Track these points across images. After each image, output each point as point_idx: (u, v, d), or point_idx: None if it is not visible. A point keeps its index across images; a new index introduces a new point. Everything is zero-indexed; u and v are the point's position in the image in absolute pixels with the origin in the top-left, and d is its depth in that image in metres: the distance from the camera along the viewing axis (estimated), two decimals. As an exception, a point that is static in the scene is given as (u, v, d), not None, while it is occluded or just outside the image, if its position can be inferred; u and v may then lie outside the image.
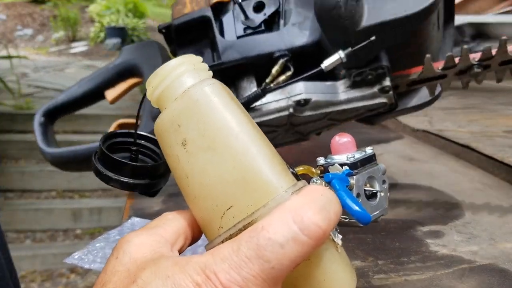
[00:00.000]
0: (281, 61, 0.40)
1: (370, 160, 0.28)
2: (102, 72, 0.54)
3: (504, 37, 0.40)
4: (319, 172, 0.27)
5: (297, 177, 0.22)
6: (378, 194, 0.28)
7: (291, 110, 0.42)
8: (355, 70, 0.41)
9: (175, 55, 0.47)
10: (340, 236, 0.21)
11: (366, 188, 0.28)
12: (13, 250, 1.97)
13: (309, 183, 0.25)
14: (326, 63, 0.39)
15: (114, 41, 4.58)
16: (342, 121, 0.46)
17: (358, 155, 0.28)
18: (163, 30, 0.47)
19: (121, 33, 4.60)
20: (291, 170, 0.22)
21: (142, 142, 0.28)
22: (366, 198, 0.28)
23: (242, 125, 0.21)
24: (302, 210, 0.18)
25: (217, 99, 0.21)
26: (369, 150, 0.29)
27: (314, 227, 0.17)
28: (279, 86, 0.42)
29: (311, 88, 0.42)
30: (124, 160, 0.25)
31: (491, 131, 0.76)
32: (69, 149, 0.51)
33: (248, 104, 0.42)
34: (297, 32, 0.41)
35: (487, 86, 1.20)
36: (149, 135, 0.28)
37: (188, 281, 0.17)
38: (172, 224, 0.22)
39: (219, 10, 0.44)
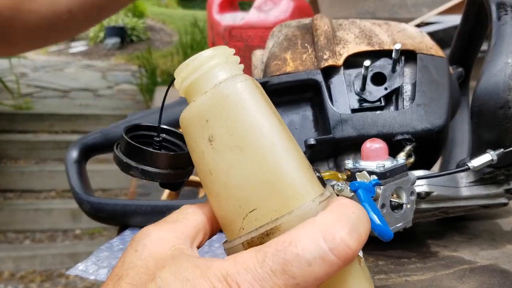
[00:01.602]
0: (408, 147, 0.35)
1: (401, 170, 0.27)
2: (159, 111, 0.50)
3: None
4: (345, 177, 0.26)
5: (323, 182, 0.21)
6: (404, 206, 0.27)
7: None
8: (491, 169, 0.37)
9: None
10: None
11: (392, 199, 0.27)
12: (13, 250, 1.96)
13: (333, 187, 0.24)
14: (475, 163, 0.34)
15: (113, 40, 4.58)
16: (450, 214, 0.42)
17: (388, 164, 0.27)
18: None
19: (121, 33, 4.59)
20: (317, 174, 0.21)
21: (165, 135, 0.27)
22: (391, 209, 0.27)
23: (273, 126, 0.20)
24: (333, 229, 0.17)
25: (249, 97, 0.21)
26: (401, 159, 0.28)
27: (344, 247, 0.17)
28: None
29: (434, 180, 0.38)
30: (146, 148, 0.25)
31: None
32: (115, 201, 0.45)
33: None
34: (422, 114, 0.37)
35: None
36: (173, 129, 0.27)
37: (209, 286, 0.17)
38: (192, 219, 0.22)
39: (328, 74, 0.39)
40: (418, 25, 0.85)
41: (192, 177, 0.50)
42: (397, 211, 0.28)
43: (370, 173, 0.26)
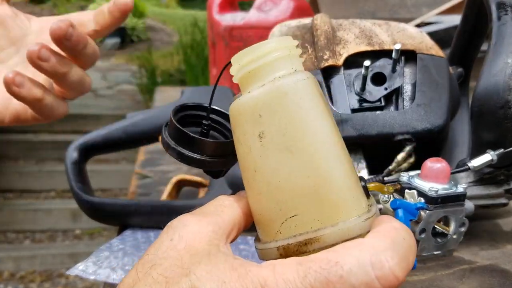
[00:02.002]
0: (408, 147, 0.36)
1: (456, 199, 0.25)
2: (162, 112, 0.47)
3: None
4: (391, 190, 0.25)
5: (367, 192, 0.21)
6: (449, 236, 0.26)
7: None
8: (491, 169, 0.37)
9: None
10: None
11: (437, 226, 0.26)
12: (12, 251, 1.96)
13: (379, 198, 0.24)
14: (475, 163, 0.34)
15: (113, 40, 4.58)
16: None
17: (443, 191, 0.25)
18: None
19: (121, 33, 4.59)
20: (363, 183, 0.21)
21: (215, 117, 0.26)
22: (433, 235, 0.26)
23: (329, 133, 0.19)
24: (383, 256, 0.17)
25: (309, 98, 0.19)
26: (461, 187, 0.26)
27: (392, 277, 0.17)
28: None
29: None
30: (194, 135, 0.24)
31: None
32: (115, 201, 0.45)
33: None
34: (422, 114, 0.37)
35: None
36: (223, 110, 0.26)
37: None
38: (229, 213, 0.21)
39: (328, 74, 0.39)
40: (418, 25, 0.85)
41: (192, 177, 0.50)
42: (440, 239, 0.26)
43: (420, 194, 0.25)
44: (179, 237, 0.19)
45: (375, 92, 0.38)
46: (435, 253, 0.27)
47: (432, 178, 0.25)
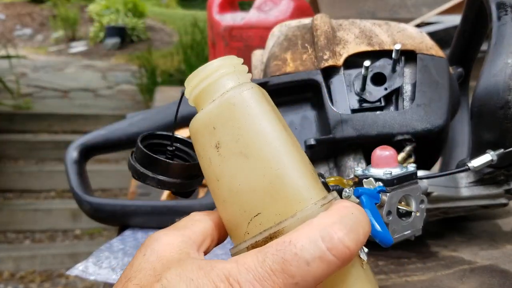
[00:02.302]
0: (408, 148, 0.36)
1: (409, 177, 0.27)
2: (162, 112, 0.48)
3: None
4: (351, 183, 0.26)
5: (328, 187, 0.22)
6: (412, 214, 0.28)
7: None
8: (491, 169, 0.37)
9: None
10: (366, 250, 0.21)
11: (400, 207, 0.27)
12: (12, 250, 1.96)
13: (340, 195, 0.25)
14: (475, 163, 0.34)
15: (113, 40, 4.57)
16: (450, 214, 0.42)
17: (396, 172, 0.26)
18: None
19: (121, 33, 4.59)
20: (322, 180, 0.22)
21: (178, 145, 0.28)
22: (399, 216, 0.27)
23: (277, 133, 0.21)
24: (332, 229, 0.18)
25: (254, 105, 0.21)
26: (411, 167, 0.27)
27: (342, 247, 0.18)
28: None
29: (434, 180, 0.38)
30: (162, 158, 0.26)
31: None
32: (115, 201, 0.45)
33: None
34: (422, 115, 0.37)
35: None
36: (185, 138, 0.28)
37: (212, 286, 0.17)
38: (200, 225, 0.22)
39: (328, 74, 0.39)
40: (418, 25, 0.85)
41: None
42: (406, 219, 0.27)
43: (377, 180, 0.26)
44: (151, 251, 0.20)
45: (375, 92, 0.38)
46: (405, 233, 0.27)
47: (383, 165, 0.27)
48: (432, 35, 0.45)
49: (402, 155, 0.36)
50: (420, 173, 0.37)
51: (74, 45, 4.78)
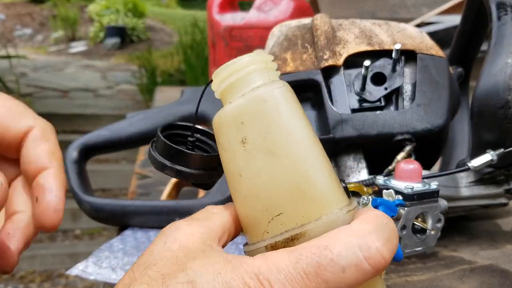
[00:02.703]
0: (408, 147, 0.36)
1: (430, 195, 0.27)
2: (162, 112, 0.48)
3: None
4: (370, 191, 0.26)
5: (348, 192, 0.22)
6: (427, 231, 0.28)
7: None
8: (491, 169, 0.37)
9: None
10: None
11: (416, 223, 0.27)
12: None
13: (359, 202, 0.25)
14: (475, 163, 0.35)
15: (113, 40, 4.58)
16: (450, 214, 0.42)
17: (418, 188, 0.26)
18: None
19: (121, 33, 4.59)
20: (343, 185, 0.22)
21: (198, 136, 0.28)
22: (413, 232, 0.27)
23: (305, 134, 0.21)
24: (370, 238, 0.18)
25: (285, 104, 0.21)
26: (433, 185, 0.27)
27: (379, 257, 0.17)
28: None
29: (433, 180, 0.37)
30: (181, 148, 0.25)
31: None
32: (115, 201, 0.45)
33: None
34: (422, 114, 0.37)
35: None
36: (206, 129, 0.28)
37: (240, 282, 0.17)
38: (220, 218, 0.22)
39: (328, 74, 0.39)
40: (418, 25, 0.85)
41: None
42: (419, 235, 0.27)
43: (398, 193, 0.26)
44: (173, 240, 0.20)
45: (375, 92, 0.38)
46: (416, 249, 0.27)
47: (406, 179, 0.27)
48: (432, 35, 0.45)
49: (402, 154, 0.36)
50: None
51: (74, 45, 4.78)
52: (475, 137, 0.37)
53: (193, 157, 0.25)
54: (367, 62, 0.37)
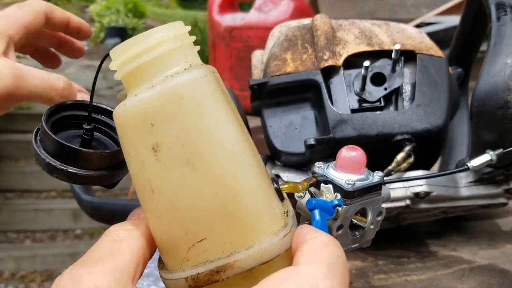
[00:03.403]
0: (408, 147, 0.36)
1: (373, 188, 0.24)
2: None
3: None
4: (306, 185, 0.22)
5: (281, 195, 0.19)
6: (366, 228, 0.24)
7: (407, 201, 0.37)
8: (490, 169, 0.37)
9: (258, 114, 0.40)
10: None
11: (354, 219, 0.24)
12: (13, 250, 1.96)
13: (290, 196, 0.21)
14: (474, 163, 0.34)
15: (114, 41, 4.58)
16: (450, 214, 0.42)
17: (360, 182, 0.23)
18: (255, 87, 0.39)
19: (121, 33, 4.59)
20: (276, 186, 0.18)
21: (101, 117, 0.22)
22: (351, 229, 0.24)
23: (236, 140, 0.17)
24: (324, 284, 0.15)
25: (210, 101, 0.16)
26: (377, 176, 0.24)
27: None
28: (401, 178, 0.37)
29: (433, 180, 0.37)
30: (73, 146, 0.19)
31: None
32: (115, 201, 0.44)
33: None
34: (422, 115, 0.37)
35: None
36: (108, 107, 0.22)
37: None
38: (129, 248, 0.17)
39: (328, 74, 0.39)
40: (418, 26, 0.85)
41: None
42: (357, 232, 0.24)
43: (337, 188, 0.22)
44: None
45: (374, 92, 0.38)
46: (352, 246, 0.25)
47: (347, 169, 0.23)
48: (431, 35, 0.45)
49: (401, 154, 0.36)
50: (419, 172, 0.37)
51: (75, 45, 4.78)
52: (474, 137, 0.37)
53: (90, 156, 0.19)
54: (366, 63, 0.37)
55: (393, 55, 0.38)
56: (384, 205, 0.36)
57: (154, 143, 0.16)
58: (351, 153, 0.23)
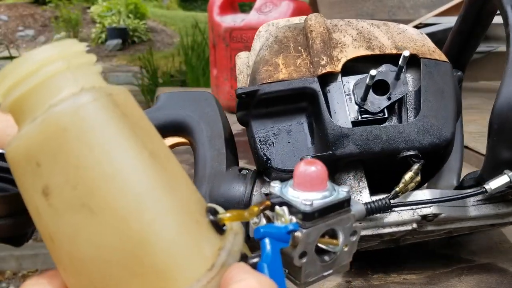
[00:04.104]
0: (416, 166, 0.33)
1: (339, 206, 0.20)
2: (158, 111, 0.42)
3: None
4: (256, 211, 0.19)
5: (219, 228, 0.16)
6: (337, 252, 0.21)
7: (414, 225, 0.34)
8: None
9: (246, 125, 0.36)
10: None
11: (321, 244, 0.20)
12: (15, 250, 1.97)
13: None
14: (493, 186, 0.32)
15: (115, 42, 4.59)
16: (454, 233, 0.39)
17: (320, 201, 0.19)
18: (243, 95, 0.35)
19: (122, 34, 4.60)
20: (211, 218, 0.16)
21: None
22: (319, 254, 0.20)
23: (143, 174, 0.14)
24: None
25: (103, 131, 0.14)
26: (342, 191, 0.20)
27: None
28: (406, 202, 0.34)
29: (438, 198, 0.34)
30: None
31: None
32: None
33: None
34: (428, 128, 0.34)
35: (485, 87, 1.19)
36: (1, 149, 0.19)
37: None
38: None
39: (325, 81, 0.35)
40: (417, 26, 0.85)
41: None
42: (327, 257, 0.21)
43: (293, 210, 0.19)
44: None
45: (377, 102, 0.35)
46: (324, 274, 0.21)
47: (306, 187, 0.19)
48: (430, 36, 0.45)
49: (409, 174, 0.33)
50: (427, 193, 0.34)
51: (76, 47, 4.78)
52: (492, 154, 0.34)
53: None
54: (373, 71, 0.34)
55: (400, 62, 0.34)
56: (389, 230, 0.34)
57: (43, 186, 0.14)
58: (309, 168, 0.19)
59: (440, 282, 0.36)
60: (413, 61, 0.36)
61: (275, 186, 0.20)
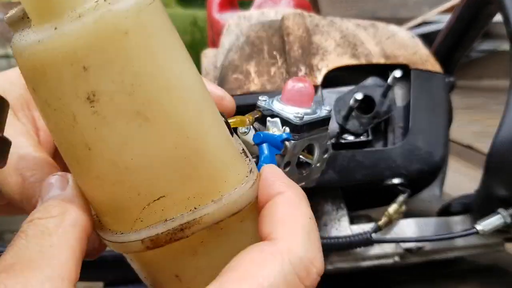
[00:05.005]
0: (401, 198, 0.31)
1: (321, 123, 0.22)
2: None
3: None
4: (251, 119, 0.21)
5: (231, 129, 0.17)
6: (312, 165, 0.23)
7: (396, 258, 0.33)
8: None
9: None
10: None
11: (301, 156, 0.23)
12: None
13: (236, 132, 0.20)
14: (485, 227, 0.30)
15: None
16: (437, 259, 0.37)
17: (308, 116, 0.21)
18: None
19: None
20: (224, 119, 0.16)
21: None
22: (298, 166, 0.22)
23: (196, 84, 0.14)
24: (307, 261, 0.14)
25: (163, 37, 0.13)
26: (325, 110, 0.22)
27: (317, 278, 0.14)
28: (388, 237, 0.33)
29: (426, 230, 0.33)
30: None
31: (493, 131, 0.75)
32: None
33: (346, 249, 0.29)
34: (416, 153, 0.31)
35: (488, 86, 1.19)
36: None
37: None
38: (65, 245, 0.14)
39: None
40: (419, 24, 0.84)
41: None
42: (304, 170, 0.23)
43: (284, 121, 0.21)
44: None
45: (360, 122, 0.32)
46: (299, 185, 0.24)
47: (295, 102, 0.21)
48: (433, 34, 0.44)
49: (394, 206, 0.31)
50: (413, 225, 0.33)
51: (74, 45, 4.77)
52: (485, 190, 0.32)
53: None
54: (359, 95, 0.31)
55: (389, 81, 0.31)
56: (369, 263, 0.32)
57: (89, 92, 0.13)
58: (299, 85, 0.21)
59: (442, 283, 0.35)
60: (403, 71, 0.33)
61: (264, 100, 0.22)
